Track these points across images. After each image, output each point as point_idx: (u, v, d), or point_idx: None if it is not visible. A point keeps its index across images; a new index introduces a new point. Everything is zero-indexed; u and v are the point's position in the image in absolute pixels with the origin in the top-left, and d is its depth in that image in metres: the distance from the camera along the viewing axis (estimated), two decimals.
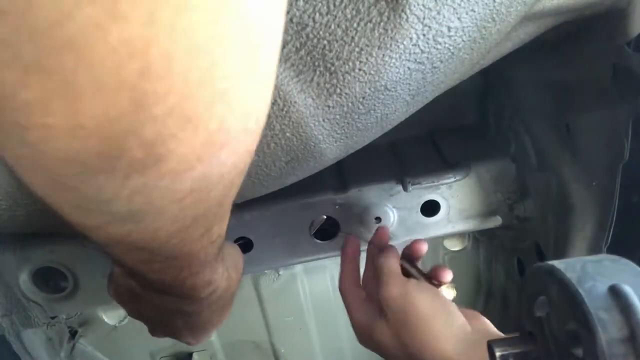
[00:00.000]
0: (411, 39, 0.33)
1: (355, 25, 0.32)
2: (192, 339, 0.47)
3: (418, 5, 0.32)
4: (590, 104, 0.49)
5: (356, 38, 0.33)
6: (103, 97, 0.15)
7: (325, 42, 0.33)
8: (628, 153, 0.43)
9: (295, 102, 0.36)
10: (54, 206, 0.20)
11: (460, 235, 0.82)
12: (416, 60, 0.35)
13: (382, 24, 0.32)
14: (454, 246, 0.84)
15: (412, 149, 0.73)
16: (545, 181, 0.59)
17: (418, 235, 0.66)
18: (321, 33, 0.33)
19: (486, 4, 0.34)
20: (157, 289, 0.35)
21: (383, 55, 0.34)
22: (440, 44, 0.34)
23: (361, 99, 0.36)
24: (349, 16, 0.32)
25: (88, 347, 0.83)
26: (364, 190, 0.64)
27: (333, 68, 0.34)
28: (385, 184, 0.64)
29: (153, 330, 0.47)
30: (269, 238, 0.65)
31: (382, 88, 0.36)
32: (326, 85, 0.35)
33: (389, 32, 0.33)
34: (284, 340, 0.89)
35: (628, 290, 0.22)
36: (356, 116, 0.38)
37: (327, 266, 0.82)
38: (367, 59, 0.34)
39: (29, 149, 0.16)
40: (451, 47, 0.35)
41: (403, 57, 0.34)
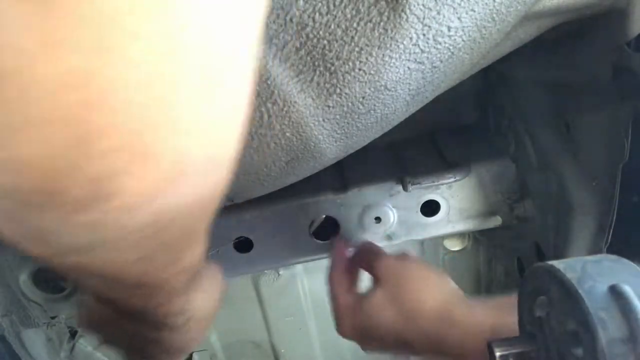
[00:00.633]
0: (411, 39, 0.33)
1: (355, 25, 0.32)
2: None
3: (418, 5, 0.32)
4: (590, 104, 0.49)
5: (356, 38, 0.33)
6: (41, 131, 0.14)
7: (325, 42, 0.33)
8: (628, 153, 0.43)
9: (295, 102, 0.36)
10: (1, 234, 0.19)
11: (460, 235, 0.82)
12: (416, 60, 0.35)
13: (382, 24, 0.32)
14: (454, 246, 0.84)
15: (412, 149, 0.73)
16: (545, 181, 0.59)
17: (418, 235, 0.66)
18: (321, 33, 0.33)
19: (486, 4, 0.34)
20: (130, 316, 0.34)
21: (383, 55, 0.34)
22: (440, 44, 0.34)
23: (361, 99, 0.36)
24: (349, 16, 0.32)
25: (88, 347, 0.83)
26: (364, 190, 0.64)
27: (333, 68, 0.34)
28: (385, 184, 0.64)
29: (129, 356, 0.45)
30: (269, 238, 0.65)
31: (382, 88, 0.36)
32: (326, 85, 0.35)
33: (389, 32, 0.33)
34: (284, 340, 0.89)
35: (628, 290, 0.22)
36: (356, 116, 0.38)
37: (327, 266, 0.82)
38: (367, 59, 0.34)
39: None
40: (451, 47, 0.35)
41: (403, 57, 0.34)
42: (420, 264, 0.47)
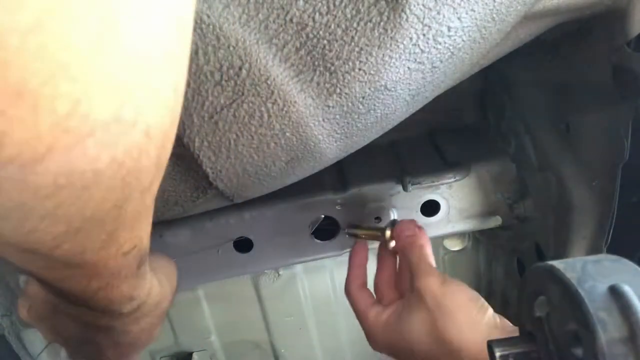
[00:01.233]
0: (411, 39, 0.33)
1: (355, 25, 0.32)
2: None
3: (418, 5, 0.32)
4: (590, 104, 0.49)
5: (356, 38, 0.33)
6: None
7: (325, 42, 0.33)
8: (628, 153, 0.43)
9: (295, 102, 0.36)
10: None
11: (460, 235, 0.82)
12: (416, 60, 0.35)
13: (382, 24, 0.32)
14: (454, 246, 0.84)
15: (412, 149, 0.73)
16: (545, 181, 0.59)
17: None
18: (321, 33, 0.33)
19: (486, 4, 0.34)
20: (73, 301, 0.32)
21: (383, 55, 0.34)
22: (440, 44, 0.34)
23: (361, 99, 0.36)
24: (349, 16, 0.32)
25: None
26: (364, 190, 0.64)
27: (333, 68, 0.34)
28: (385, 184, 0.64)
29: (73, 352, 0.44)
30: (269, 238, 0.65)
31: (382, 88, 0.36)
32: (326, 85, 0.35)
33: (389, 32, 0.33)
34: (284, 340, 0.89)
35: (628, 290, 0.22)
36: (356, 116, 0.38)
37: (327, 266, 0.82)
38: (367, 59, 0.34)
39: None
40: (451, 47, 0.35)
41: (403, 57, 0.34)
42: (464, 292, 0.45)
